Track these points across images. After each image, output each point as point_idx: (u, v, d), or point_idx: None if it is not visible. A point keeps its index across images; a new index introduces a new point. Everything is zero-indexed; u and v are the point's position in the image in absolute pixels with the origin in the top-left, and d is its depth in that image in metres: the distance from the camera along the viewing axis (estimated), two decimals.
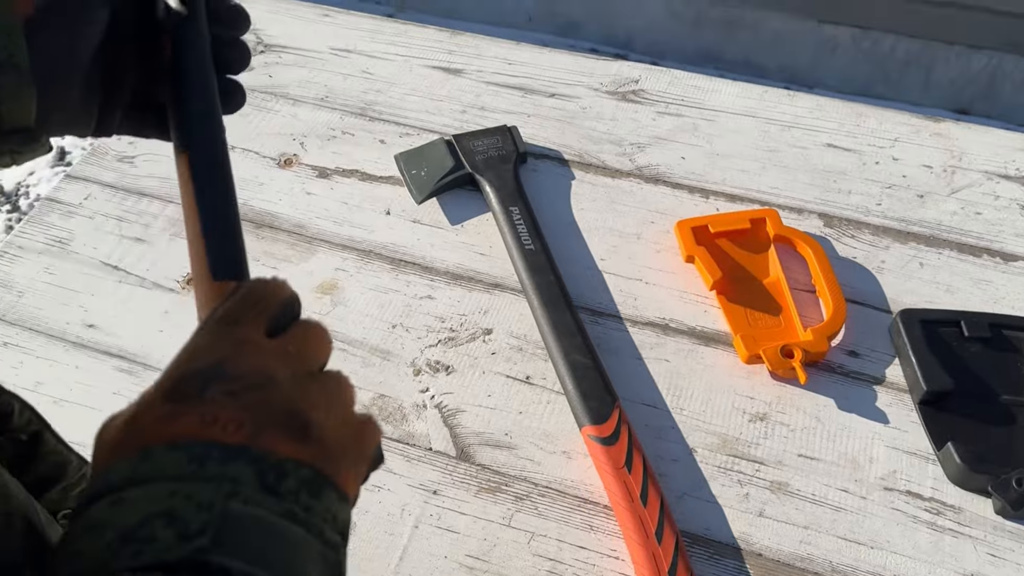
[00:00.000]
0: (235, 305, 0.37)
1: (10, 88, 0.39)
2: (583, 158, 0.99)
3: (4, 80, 0.38)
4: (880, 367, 0.79)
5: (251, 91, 1.05)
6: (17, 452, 0.48)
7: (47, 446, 0.49)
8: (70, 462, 0.51)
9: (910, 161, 0.97)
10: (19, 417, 0.46)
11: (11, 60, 0.38)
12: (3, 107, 0.39)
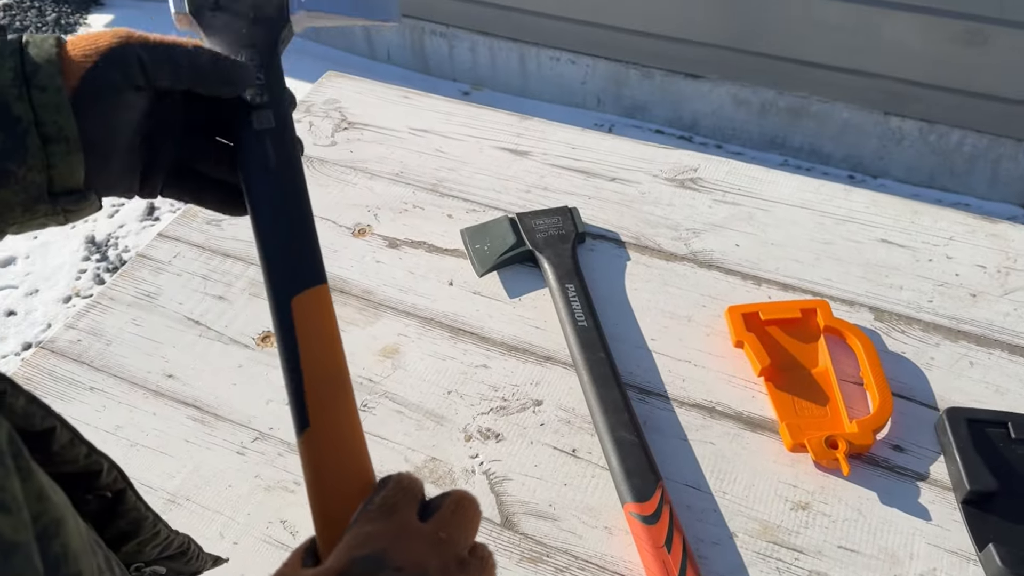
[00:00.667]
0: (391, 492, 0.44)
1: (60, 155, 0.44)
2: (639, 240, 1.03)
3: (56, 148, 0.44)
4: (925, 463, 0.80)
5: (333, 164, 1.14)
6: (101, 508, 0.51)
7: (128, 503, 0.53)
8: (146, 519, 0.54)
9: (964, 260, 0.98)
10: (107, 476, 0.50)
11: (61, 132, 0.44)
12: (54, 171, 0.45)
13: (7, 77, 0.43)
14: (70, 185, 0.46)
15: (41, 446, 0.45)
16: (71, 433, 0.47)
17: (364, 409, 0.87)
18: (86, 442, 0.48)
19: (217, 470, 0.83)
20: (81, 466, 0.48)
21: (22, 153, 0.43)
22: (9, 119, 0.43)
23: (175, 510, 0.79)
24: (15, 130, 0.43)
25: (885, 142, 2.31)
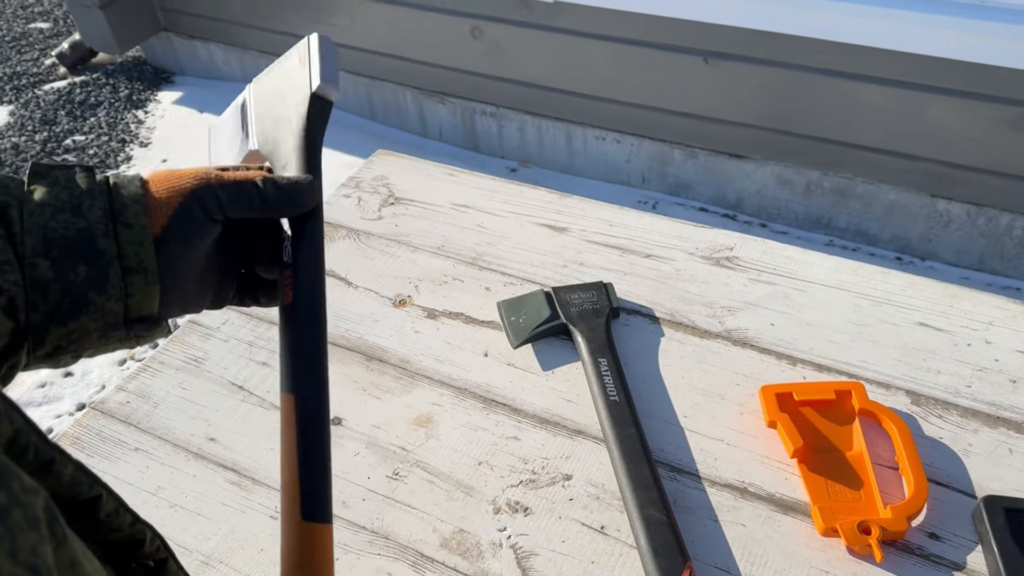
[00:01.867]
0: None
1: (139, 285, 0.49)
2: (674, 317, 1.04)
3: (135, 279, 0.49)
4: (961, 553, 0.78)
5: (378, 237, 1.18)
6: None
7: (170, 572, 0.55)
8: None
9: (1004, 345, 0.97)
10: (150, 545, 0.51)
11: (142, 264, 0.49)
12: (131, 300, 0.49)
13: (96, 215, 0.48)
14: (145, 312, 0.50)
15: (87, 514, 0.46)
16: (116, 502, 0.49)
17: (396, 478, 0.88)
18: (131, 511, 0.50)
19: (251, 534, 0.84)
20: (126, 534, 0.49)
21: (103, 283, 0.48)
22: (94, 252, 0.47)
23: (208, 572, 0.81)
24: (98, 262, 0.47)
25: (932, 224, 2.29)
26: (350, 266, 1.14)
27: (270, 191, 0.53)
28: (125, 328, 0.50)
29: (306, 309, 0.52)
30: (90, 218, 0.48)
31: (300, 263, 0.53)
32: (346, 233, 1.20)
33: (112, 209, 0.48)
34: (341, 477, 0.89)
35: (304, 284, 0.52)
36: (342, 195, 1.28)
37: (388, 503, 0.86)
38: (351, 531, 0.84)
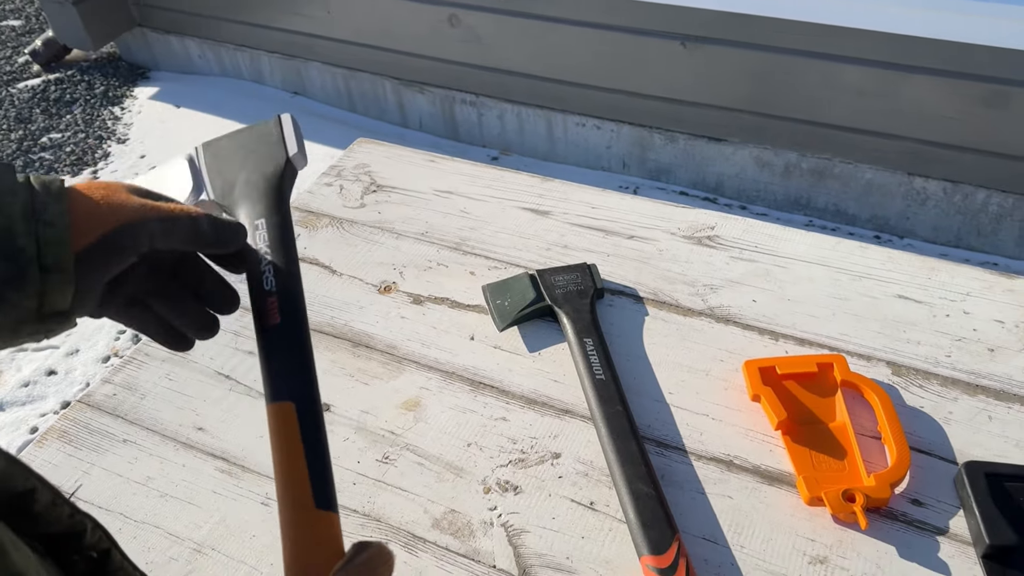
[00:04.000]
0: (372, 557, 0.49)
1: (55, 284, 0.48)
2: (657, 296, 1.05)
3: (52, 278, 0.48)
4: (944, 518, 0.79)
5: (361, 225, 1.18)
6: (88, 569, 0.52)
7: (114, 563, 0.54)
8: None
9: (981, 315, 0.99)
10: (91, 535, 0.51)
11: (59, 265, 0.48)
12: (47, 297, 0.48)
13: (16, 211, 0.46)
14: (59, 308, 0.50)
15: (23, 507, 0.46)
16: (52, 494, 0.48)
17: (386, 461, 0.89)
18: (69, 503, 0.50)
19: (242, 521, 0.85)
20: (65, 526, 0.49)
21: (21, 282, 0.47)
22: (13, 250, 0.46)
23: (201, 560, 0.81)
24: (18, 260, 0.46)
25: (910, 202, 2.32)
26: (334, 254, 1.14)
27: (206, 227, 0.54)
28: (36, 323, 0.49)
29: (293, 329, 0.56)
30: (10, 214, 0.46)
31: (284, 291, 0.57)
32: (329, 221, 1.20)
33: (34, 207, 0.47)
34: (332, 462, 0.89)
35: (289, 308, 0.56)
36: (324, 184, 1.28)
37: (379, 486, 0.87)
38: (342, 515, 0.83)
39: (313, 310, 1.06)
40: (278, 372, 0.54)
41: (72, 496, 0.88)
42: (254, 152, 0.63)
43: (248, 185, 0.61)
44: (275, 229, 0.59)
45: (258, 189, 0.61)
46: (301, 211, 1.23)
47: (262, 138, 0.64)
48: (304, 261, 1.14)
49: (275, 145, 0.63)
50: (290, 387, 0.53)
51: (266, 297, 0.56)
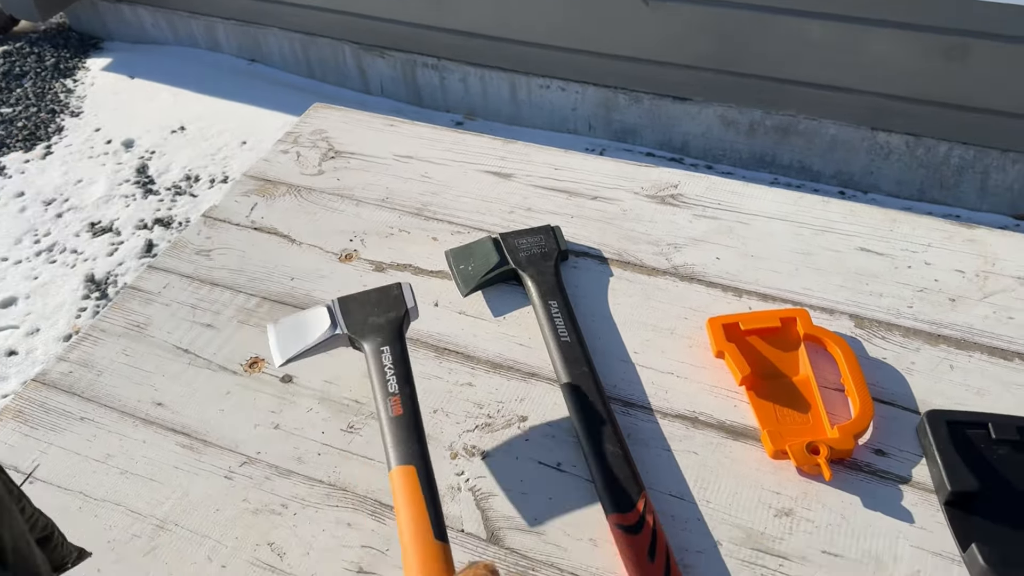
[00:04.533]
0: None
1: None
2: (621, 256, 1.04)
3: None
4: (907, 467, 0.80)
5: (320, 192, 1.16)
6: None
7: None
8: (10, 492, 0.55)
9: (942, 265, 0.99)
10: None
11: None
12: None
13: None
14: None
15: None
16: None
17: (351, 431, 0.88)
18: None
19: (205, 495, 0.83)
20: None
21: None
22: None
23: (164, 536, 0.80)
24: None
25: (873, 157, 2.33)
26: (292, 223, 1.12)
27: None
28: None
29: (412, 418, 0.77)
30: None
31: (403, 392, 0.79)
32: (286, 190, 1.17)
33: None
34: (294, 434, 0.88)
35: (407, 404, 0.78)
36: (280, 151, 1.25)
37: (344, 456, 0.86)
38: (307, 485, 0.83)
39: (272, 280, 1.04)
40: (403, 443, 0.75)
41: (31, 476, 0.86)
42: (379, 304, 0.85)
43: (375, 325, 0.84)
44: (397, 353, 0.82)
45: (383, 328, 0.83)
46: (257, 179, 1.20)
47: (385, 294, 0.86)
48: (262, 231, 1.12)
49: (397, 299, 0.86)
50: (411, 454, 0.74)
51: (390, 396, 0.78)
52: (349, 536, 0.79)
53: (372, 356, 0.82)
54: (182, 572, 0.77)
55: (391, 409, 0.77)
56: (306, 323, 0.85)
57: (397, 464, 0.73)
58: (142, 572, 0.78)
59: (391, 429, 0.76)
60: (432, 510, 0.70)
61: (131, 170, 2.80)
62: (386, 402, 0.78)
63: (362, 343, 0.83)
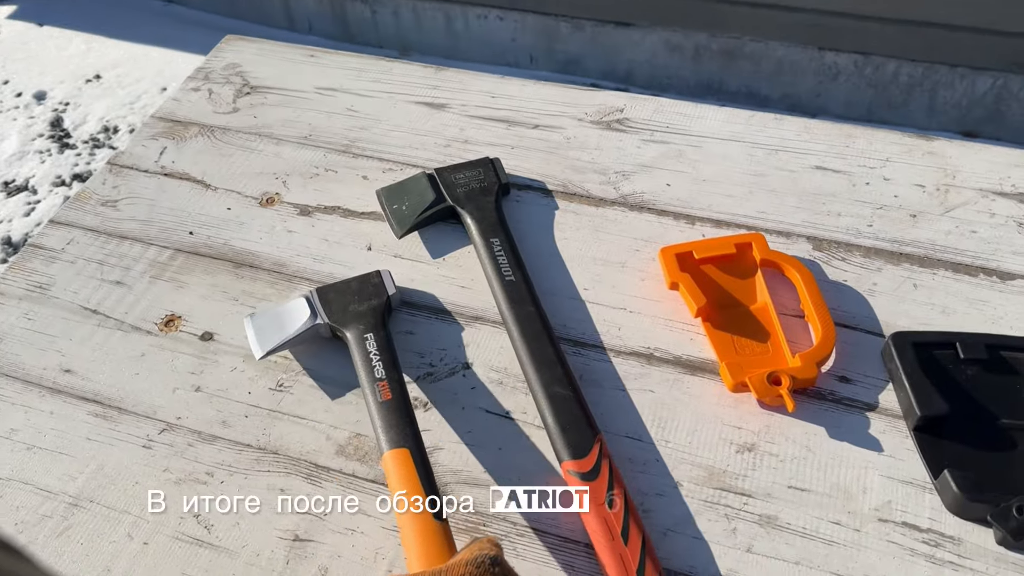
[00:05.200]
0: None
1: None
2: (567, 188, 0.98)
3: None
4: (873, 393, 0.76)
5: (236, 132, 1.06)
6: None
7: None
8: None
9: (902, 181, 0.94)
10: None
11: None
12: None
13: None
14: None
15: None
16: None
17: (281, 389, 0.81)
18: None
19: (122, 467, 0.76)
20: None
21: None
22: None
23: (78, 514, 0.73)
24: None
25: (821, 78, 2.28)
26: (207, 166, 1.02)
27: None
28: None
29: (401, 402, 0.75)
30: None
31: (390, 377, 0.77)
32: (199, 131, 1.07)
33: None
34: (218, 395, 0.80)
35: (395, 388, 0.76)
36: (190, 89, 1.14)
37: (274, 417, 0.79)
38: (235, 451, 0.76)
39: (186, 230, 0.95)
40: (395, 427, 0.73)
41: None
42: (359, 292, 0.85)
43: (356, 313, 0.83)
44: (382, 339, 0.80)
45: (365, 315, 0.82)
46: (165, 121, 1.09)
47: (365, 283, 0.85)
48: (172, 176, 1.02)
49: (377, 287, 0.85)
50: (403, 438, 0.72)
51: (377, 382, 0.76)
52: (283, 502, 0.73)
53: (355, 344, 0.80)
54: (100, 552, 0.70)
55: (379, 394, 0.76)
56: (285, 314, 0.83)
57: (390, 448, 0.72)
58: (55, 555, 0.71)
59: (381, 414, 0.74)
60: (429, 491, 0.69)
61: (44, 124, 2.63)
62: (373, 387, 0.76)
63: (344, 332, 0.82)
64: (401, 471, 0.70)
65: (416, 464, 0.70)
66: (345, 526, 0.71)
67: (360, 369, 0.78)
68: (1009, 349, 0.75)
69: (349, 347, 0.80)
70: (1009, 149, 0.97)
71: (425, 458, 0.71)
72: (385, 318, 0.83)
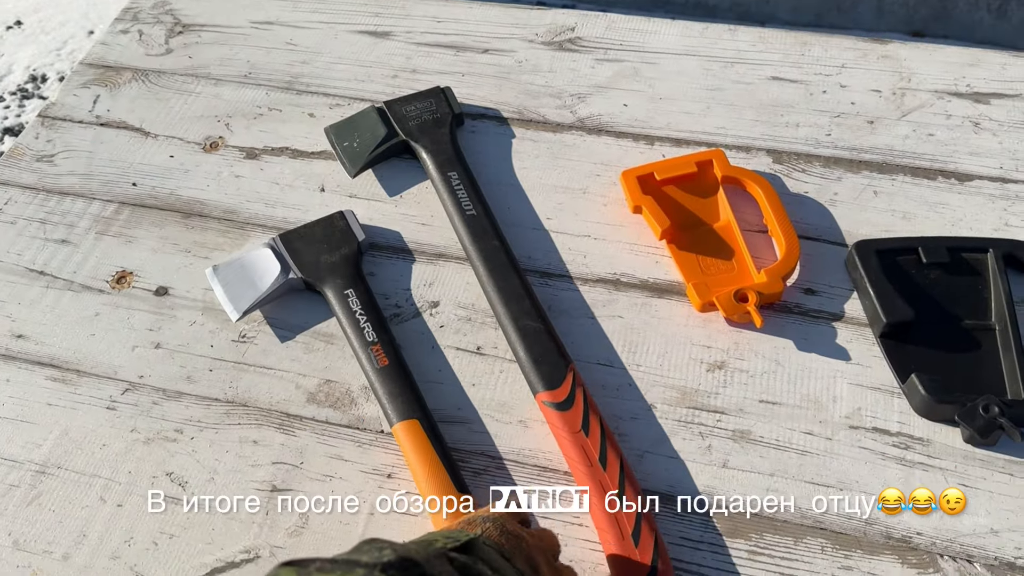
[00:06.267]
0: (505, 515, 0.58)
1: None
2: (522, 114, 0.95)
3: None
4: (838, 303, 0.77)
5: (171, 75, 1.01)
6: None
7: None
8: None
9: (858, 87, 0.94)
10: None
11: None
12: None
13: None
14: None
15: None
16: None
17: (245, 340, 0.79)
18: None
19: (87, 430, 0.74)
20: None
21: None
22: None
23: (47, 481, 0.71)
24: None
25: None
26: (144, 113, 0.97)
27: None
28: None
29: (399, 368, 0.73)
30: None
31: (383, 340, 0.75)
32: (132, 75, 1.02)
33: None
34: (180, 351, 0.78)
35: (390, 352, 0.74)
36: (119, 31, 1.07)
37: (240, 369, 0.77)
38: (202, 406, 0.75)
39: (128, 181, 0.91)
40: (399, 396, 0.71)
41: None
42: (327, 239, 0.81)
43: (330, 264, 0.80)
44: (363, 295, 0.78)
45: (339, 267, 0.79)
46: (96, 67, 1.03)
47: (329, 226, 0.82)
48: (109, 126, 0.97)
49: (344, 231, 0.82)
50: (411, 408, 0.71)
51: (370, 346, 0.74)
52: (257, 454, 0.72)
53: (337, 302, 0.77)
54: (73, 518, 0.69)
55: (376, 360, 0.74)
56: (252, 267, 0.80)
57: (398, 420, 0.71)
58: (28, 524, 0.69)
59: (382, 382, 0.73)
60: (447, 463, 0.68)
61: None
62: (368, 353, 0.74)
63: (321, 287, 0.79)
64: (415, 445, 0.69)
65: (428, 435, 0.69)
66: (323, 472, 0.71)
67: (349, 331, 0.76)
68: (970, 250, 0.76)
69: (330, 305, 0.78)
70: (962, 49, 0.97)
71: (434, 425, 0.71)
72: (360, 267, 0.81)
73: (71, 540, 0.68)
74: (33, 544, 0.68)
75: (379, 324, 0.76)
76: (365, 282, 0.80)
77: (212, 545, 0.67)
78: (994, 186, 0.84)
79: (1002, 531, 0.64)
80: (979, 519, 0.65)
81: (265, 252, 0.81)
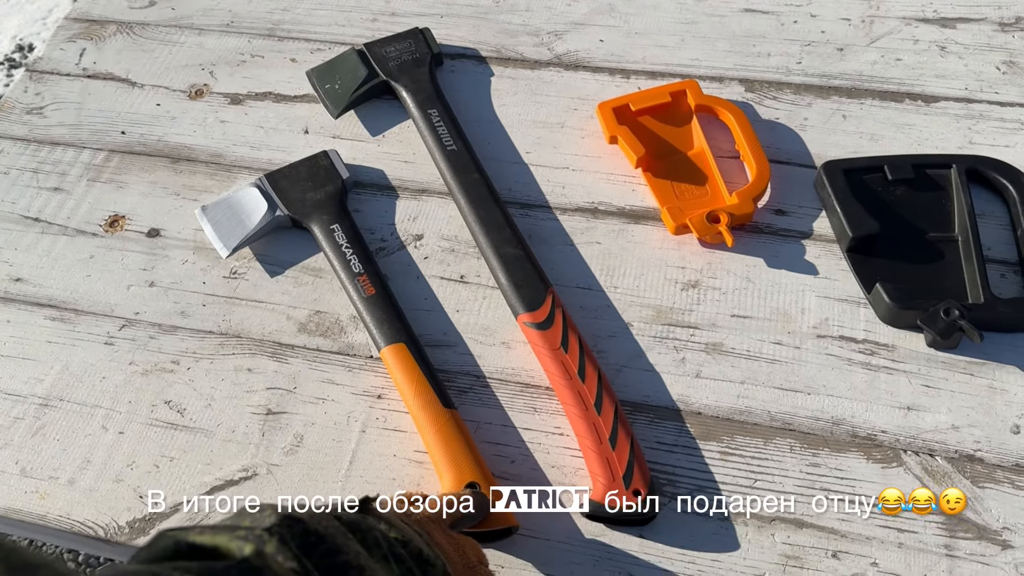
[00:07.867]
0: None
1: None
2: (500, 53, 0.97)
3: None
4: (807, 222, 0.80)
5: (155, 26, 1.03)
6: None
7: None
8: None
9: (828, 16, 0.95)
10: None
11: None
12: None
13: None
14: None
15: None
16: None
17: (236, 276, 0.81)
18: None
19: (87, 364, 0.77)
20: None
21: None
22: None
23: (50, 412, 0.74)
24: None
25: None
26: (130, 64, 0.99)
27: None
28: None
29: (385, 297, 0.76)
30: None
31: (369, 271, 0.78)
32: (116, 28, 1.03)
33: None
34: (173, 288, 0.81)
35: (377, 282, 0.77)
36: None
37: (232, 303, 0.80)
38: (197, 338, 0.78)
39: (117, 130, 0.93)
40: (386, 322, 0.74)
41: None
42: (312, 178, 0.84)
43: (315, 201, 0.82)
44: (349, 230, 0.81)
45: (324, 204, 0.82)
46: (80, 22, 1.05)
47: (314, 165, 0.85)
48: (96, 78, 0.99)
49: (328, 170, 0.85)
50: (397, 332, 0.74)
51: (357, 276, 0.77)
52: (252, 380, 0.75)
53: (324, 237, 0.80)
54: (77, 446, 0.73)
55: (363, 289, 0.77)
56: (240, 205, 0.82)
57: (385, 344, 0.74)
58: (33, 453, 0.73)
59: (369, 310, 0.76)
60: (433, 382, 0.71)
61: None
62: (355, 283, 0.77)
63: (308, 223, 0.82)
64: (402, 367, 0.72)
65: (415, 357, 0.72)
66: (316, 395, 0.74)
67: (336, 263, 0.79)
68: (934, 167, 0.79)
69: (317, 240, 0.81)
70: None
71: (420, 348, 0.74)
72: (345, 204, 0.83)
73: (76, 466, 0.71)
74: (39, 471, 0.71)
75: (365, 256, 0.79)
76: (350, 217, 0.82)
77: (211, 465, 0.71)
78: (959, 106, 0.86)
79: (962, 427, 0.68)
80: (940, 416, 0.68)
81: (252, 191, 0.83)
